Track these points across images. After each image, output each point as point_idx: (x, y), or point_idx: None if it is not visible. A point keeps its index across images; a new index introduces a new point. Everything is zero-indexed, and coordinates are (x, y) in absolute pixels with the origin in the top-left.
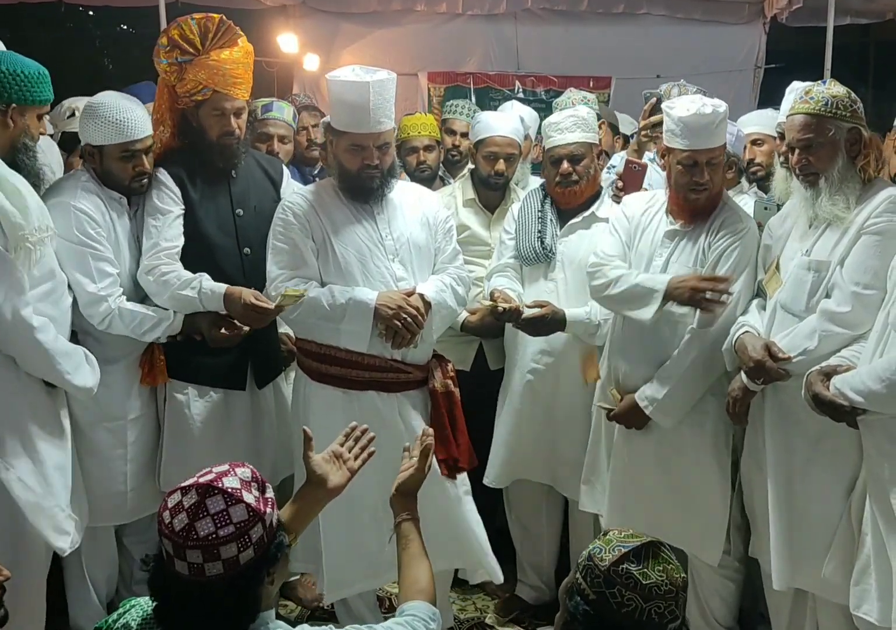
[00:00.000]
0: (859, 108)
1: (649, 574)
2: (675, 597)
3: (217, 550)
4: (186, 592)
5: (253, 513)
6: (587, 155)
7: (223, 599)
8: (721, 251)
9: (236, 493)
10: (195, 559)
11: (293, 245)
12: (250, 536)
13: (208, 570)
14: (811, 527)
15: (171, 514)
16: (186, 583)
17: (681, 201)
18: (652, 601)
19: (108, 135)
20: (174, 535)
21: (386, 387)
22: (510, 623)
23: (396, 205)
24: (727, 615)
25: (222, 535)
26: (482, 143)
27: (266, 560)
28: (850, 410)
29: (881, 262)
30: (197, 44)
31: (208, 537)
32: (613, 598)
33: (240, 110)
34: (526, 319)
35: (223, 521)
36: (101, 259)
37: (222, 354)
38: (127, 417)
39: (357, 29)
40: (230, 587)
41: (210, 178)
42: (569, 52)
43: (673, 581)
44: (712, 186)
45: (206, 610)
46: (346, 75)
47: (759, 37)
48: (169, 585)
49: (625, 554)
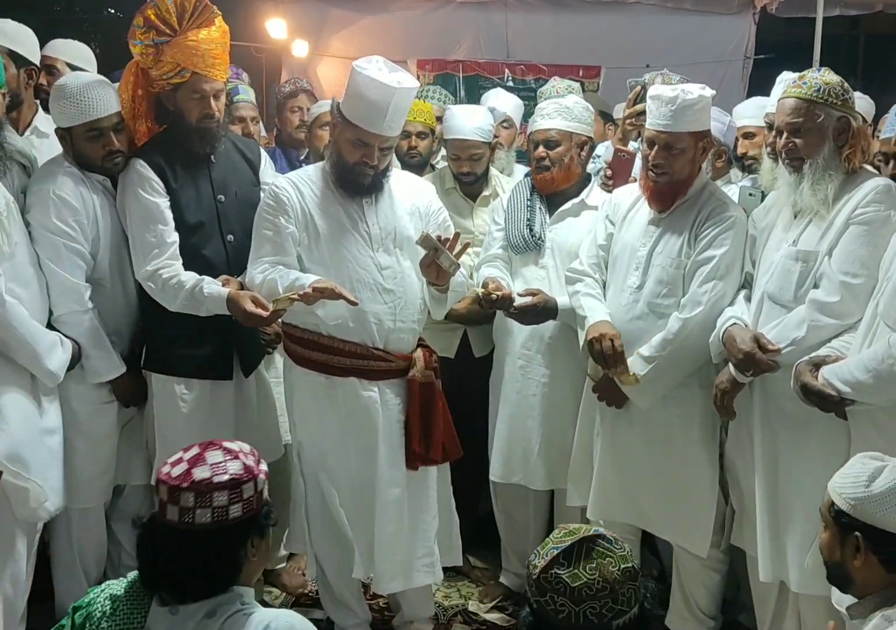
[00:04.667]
0: (851, 98)
1: (579, 575)
2: (611, 593)
3: (210, 496)
4: (172, 543)
5: (248, 470)
6: (563, 143)
7: (206, 552)
8: (711, 239)
9: (234, 452)
10: (187, 503)
11: (276, 231)
12: (242, 491)
13: (198, 518)
14: (797, 519)
15: (170, 465)
16: (174, 532)
17: (644, 181)
18: (584, 603)
19: (72, 115)
20: (171, 480)
21: (367, 374)
22: (494, 610)
23: (386, 194)
24: (710, 605)
25: (216, 481)
26: (448, 143)
27: (253, 523)
28: (838, 401)
29: (869, 251)
30: (174, 24)
31: (203, 481)
32: (548, 606)
33: (219, 92)
34: (518, 308)
35: (219, 471)
36: (74, 251)
37: (205, 345)
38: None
39: (346, 15)
40: (214, 541)
41: (190, 164)
42: (559, 40)
43: (607, 577)
44: (670, 172)
45: (187, 563)
46: (374, 72)
47: (749, 27)
48: (156, 540)
49: (554, 557)
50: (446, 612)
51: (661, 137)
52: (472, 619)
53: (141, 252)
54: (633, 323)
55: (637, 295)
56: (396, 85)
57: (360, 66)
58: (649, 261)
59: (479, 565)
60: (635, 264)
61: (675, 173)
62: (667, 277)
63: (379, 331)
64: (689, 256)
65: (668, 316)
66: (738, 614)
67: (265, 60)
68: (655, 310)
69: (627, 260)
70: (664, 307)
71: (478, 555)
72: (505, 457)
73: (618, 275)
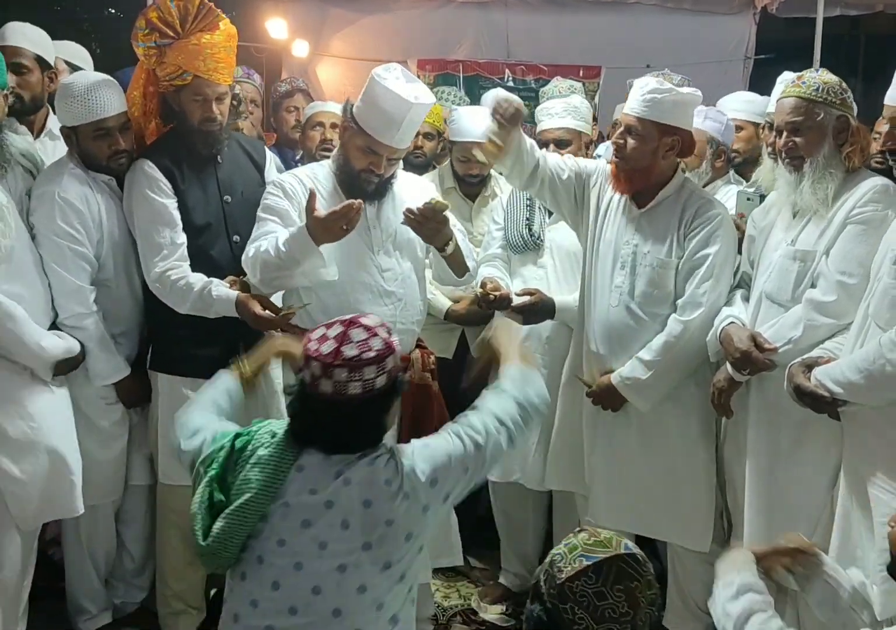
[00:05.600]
0: (849, 98)
1: (606, 594)
2: (632, 619)
3: (361, 371)
4: (326, 411)
5: (387, 345)
6: (574, 142)
7: (357, 418)
8: (702, 238)
9: (373, 328)
10: (340, 377)
11: (280, 215)
12: (385, 364)
13: (350, 389)
14: (793, 518)
15: (318, 342)
16: (327, 402)
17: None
18: (604, 623)
19: (79, 115)
20: (322, 357)
21: None
22: (493, 610)
23: (388, 196)
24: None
25: (365, 357)
26: (456, 144)
27: (394, 389)
28: (830, 401)
29: (867, 251)
30: (176, 26)
31: (353, 358)
32: (566, 614)
33: (222, 96)
34: (516, 307)
35: (365, 348)
36: (78, 254)
37: (211, 346)
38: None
39: (347, 15)
40: (364, 408)
41: (196, 165)
42: (559, 41)
43: (633, 602)
44: (625, 156)
45: (341, 427)
46: (392, 83)
47: (749, 27)
48: (309, 407)
49: (584, 568)
50: (446, 613)
51: (627, 120)
52: (471, 619)
53: (149, 253)
54: (625, 326)
55: (627, 298)
56: (413, 100)
57: (380, 76)
58: (635, 260)
59: (479, 565)
60: (620, 263)
61: (631, 159)
62: (657, 278)
63: None
64: (680, 257)
65: (660, 317)
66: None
67: (265, 60)
68: (648, 311)
69: (613, 258)
70: (656, 309)
71: (477, 555)
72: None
73: (602, 272)
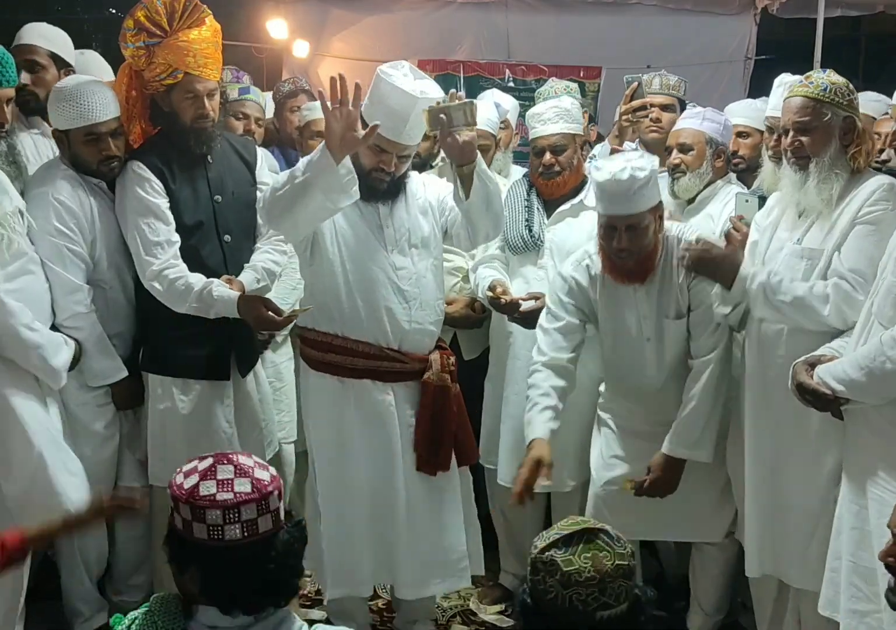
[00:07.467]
0: (855, 99)
1: (573, 561)
2: (600, 583)
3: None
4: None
5: (256, 488)
6: (569, 146)
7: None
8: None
9: (249, 467)
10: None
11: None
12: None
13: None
14: (795, 515)
15: (184, 475)
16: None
17: (609, 262)
18: (571, 588)
19: (71, 118)
20: (177, 491)
21: (381, 376)
22: (493, 611)
23: (402, 195)
24: (722, 598)
25: (220, 499)
26: None
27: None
28: (833, 399)
29: (877, 250)
30: (164, 25)
31: (208, 498)
32: (539, 586)
33: (212, 91)
34: (525, 312)
35: (227, 488)
36: (75, 254)
37: (203, 346)
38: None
39: (347, 15)
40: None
41: (186, 164)
42: (559, 41)
43: (599, 567)
44: (639, 250)
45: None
46: (398, 79)
47: (750, 28)
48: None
49: (554, 541)
50: (446, 613)
51: (622, 220)
52: (471, 619)
53: (144, 251)
54: (664, 400)
55: (662, 368)
56: (419, 95)
57: (385, 73)
58: (638, 321)
59: None
60: (646, 337)
61: (643, 249)
62: (684, 341)
63: (393, 330)
64: (689, 309)
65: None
66: (738, 616)
67: (266, 61)
68: (683, 375)
69: (635, 336)
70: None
71: None
72: (514, 459)
73: (627, 349)
